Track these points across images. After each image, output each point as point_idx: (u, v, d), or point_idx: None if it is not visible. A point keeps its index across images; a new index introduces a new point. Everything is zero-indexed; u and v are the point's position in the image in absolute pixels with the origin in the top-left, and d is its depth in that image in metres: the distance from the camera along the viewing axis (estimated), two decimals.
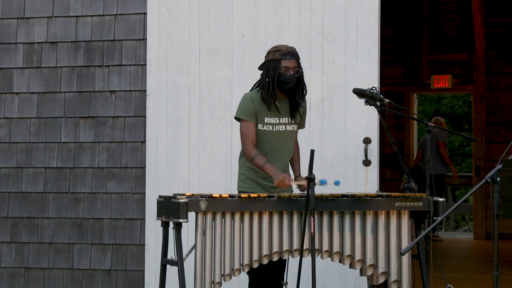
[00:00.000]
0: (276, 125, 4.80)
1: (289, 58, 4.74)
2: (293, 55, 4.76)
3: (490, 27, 11.09)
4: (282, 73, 4.72)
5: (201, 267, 4.30)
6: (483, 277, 7.32)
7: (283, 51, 4.75)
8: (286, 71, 4.72)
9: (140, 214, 6.03)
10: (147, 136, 6.02)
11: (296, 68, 4.75)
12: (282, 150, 4.84)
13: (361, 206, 4.47)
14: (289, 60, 4.73)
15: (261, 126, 4.78)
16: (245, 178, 4.84)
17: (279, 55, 4.74)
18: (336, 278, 5.65)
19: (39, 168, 6.21)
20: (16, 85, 6.28)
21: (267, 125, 4.78)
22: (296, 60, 4.77)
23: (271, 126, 4.79)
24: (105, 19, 6.17)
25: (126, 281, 6.03)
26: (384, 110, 4.76)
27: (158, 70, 6.02)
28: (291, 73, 4.73)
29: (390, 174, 11.16)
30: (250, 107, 4.76)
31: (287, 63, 4.73)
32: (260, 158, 4.70)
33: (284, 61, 4.73)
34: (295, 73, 4.74)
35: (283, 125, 4.82)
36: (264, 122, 4.78)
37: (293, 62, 4.75)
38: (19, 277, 6.19)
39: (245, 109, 4.78)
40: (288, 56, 4.74)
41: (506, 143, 10.86)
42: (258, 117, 4.77)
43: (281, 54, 4.74)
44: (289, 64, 4.73)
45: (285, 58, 4.73)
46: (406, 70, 11.47)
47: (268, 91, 4.72)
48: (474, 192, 4.04)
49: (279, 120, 4.81)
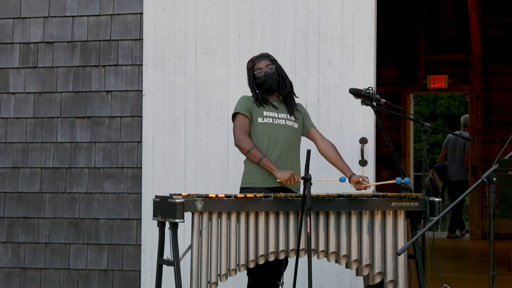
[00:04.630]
0: (276, 118, 4.83)
1: (259, 60, 4.90)
2: (264, 56, 4.94)
3: (486, 27, 11.09)
4: (257, 75, 4.87)
5: (197, 267, 4.30)
6: (479, 277, 7.33)
7: (253, 58, 4.94)
8: (260, 73, 4.87)
9: (136, 214, 6.03)
10: (144, 136, 6.02)
11: (269, 65, 4.88)
12: (283, 142, 4.82)
13: (357, 206, 4.48)
14: (259, 62, 4.90)
15: (260, 119, 4.80)
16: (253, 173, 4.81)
17: (251, 64, 4.92)
18: (333, 278, 5.65)
19: (35, 168, 6.20)
20: (12, 85, 6.27)
21: (266, 117, 4.81)
22: (267, 59, 4.91)
23: (271, 119, 4.82)
24: (101, 19, 6.17)
25: (122, 281, 6.02)
26: (381, 110, 4.77)
27: (154, 70, 6.02)
28: (264, 71, 4.86)
29: (386, 174, 11.15)
30: (247, 104, 4.84)
31: (259, 65, 4.89)
32: (257, 151, 4.70)
33: (256, 65, 4.89)
34: (268, 70, 4.87)
35: (282, 120, 4.84)
36: (263, 115, 4.81)
37: (264, 62, 4.90)
38: (15, 277, 6.18)
39: (241, 105, 4.85)
40: (258, 59, 4.91)
41: (502, 143, 10.87)
42: (256, 112, 4.81)
43: (252, 62, 4.92)
44: (261, 65, 4.89)
45: (256, 62, 4.90)
46: (402, 70, 11.47)
47: (256, 98, 4.86)
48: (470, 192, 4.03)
49: (278, 114, 4.84)
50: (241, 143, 4.76)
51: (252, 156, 4.71)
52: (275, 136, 4.79)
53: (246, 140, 4.74)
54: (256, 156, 4.70)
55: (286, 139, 4.83)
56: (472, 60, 11.03)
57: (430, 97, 18.92)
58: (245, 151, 4.75)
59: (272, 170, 4.67)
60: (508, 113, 11.02)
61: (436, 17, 11.44)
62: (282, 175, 4.65)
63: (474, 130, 11.04)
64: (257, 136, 4.79)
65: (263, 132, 4.79)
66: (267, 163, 4.68)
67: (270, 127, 4.80)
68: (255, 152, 4.70)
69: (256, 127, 4.79)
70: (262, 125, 4.79)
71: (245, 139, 4.75)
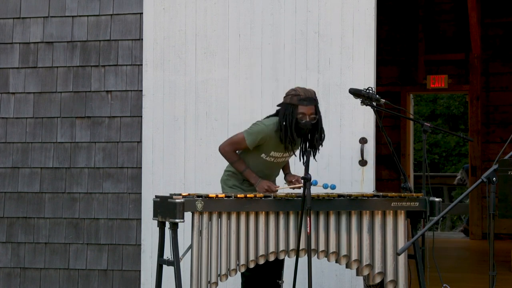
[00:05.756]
0: (277, 158, 4.85)
1: (306, 104, 4.68)
2: (311, 100, 4.71)
3: (486, 27, 11.09)
4: (299, 119, 4.68)
5: (197, 267, 4.30)
6: (479, 277, 7.32)
7: (301, 96, 4.69)
8: (303, 118, 4.69)
9: (136, 214, 6.02)
10: (143, 136, 6.02)
11: (313, 115, 4.72)
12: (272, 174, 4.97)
13: (358, 206, 4.48)
14: (306, 106, 4.68)
15: (264, 156, 4.81)
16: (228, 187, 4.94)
17: (296, 100, 4.69)
18: (333, 278, 5.65)
19: (35, 168, 6.20)
20: (12, 85, 6.27)
21: (270, 157, 4.82)
22: (313, 106, 4.72)
23: (273, 159, 4.84)
24: (101, 19, 6.17)
25: (122, 281, 6.02)
26: (380, 110, 4.76)
27: (154, 70, 6.02)
28: (307, 119, 4.70)
29: (386, 174, 11.15)
30: (260, 141, 4.75)
31: (304, 109, 4.68)
32: (241, 163, 4.79)
33: (301, 106, 4.68)
34: (311, 120, 4.71)
35: (283, 158, 4.88)
36: (269, 155, 4.81)
37: (310, 108, 4.70)
38: (15, 277, 6.18)
39: (255, 139, 4.74)
40: (305, 102, 4.68)
41: (502, 143, 10.87)
42: (265, 148, 4.78)
43: (298, 100, 4.68)
44: (305, 111, 4.68)
45: (302, 104, 4.68)
46: (402, 70, 11.46)
47: (286, 137, 4.69)
48: (470, 192, 4.03)
49: (283, 154, 4.84)
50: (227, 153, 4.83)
51: (235, 167, 4.82)
52: (268, 172, 4.89)
53: (232, 154, 4.83)
54: (239, 168, 4.81)
55: (277, 172, 5.00)
56: (472, 60, 11.03)
57: (430, 97, 18.90)
58: (231, 160, 4.84)
59: (253, 183, 4.79)
60: (508, 113, 11.02)
61: (436, 17, 11.43)
62: (260, 189, 4.74)
63: (474, 130, 11.03)
64: (250, 164, 4.84)
65: (262, 166, 4.85)
66: (248, 175, 4.79)
67: (267, 164, 4.85)
68: (238, 164, 4.81)
69: (255, 160, 4.83)
70: (263, 161, 4.83)
71: (231, 153, 4.83)
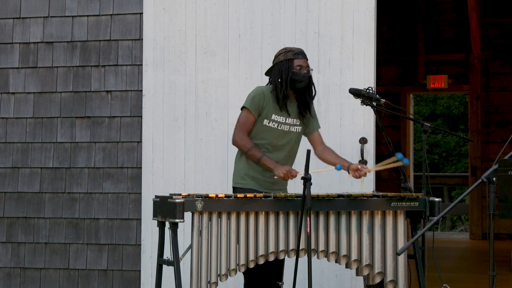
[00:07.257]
0: (281, 124, 4.78)
1: (301, 57, 4.77)
2: (304, 55, 4.81)
3: (486, 27, 11.10)
4: (296, 72, 4.73)
5: (197, 267, 4.29)
6: (479, 277, 7.33)
7: (295, 51, 4.78)
8: (300, 70, 4.74)
9: (136, 214, 6.02)
10: (143, 136, 6.02)
11: (308, 68, 4.79)
12: (280, 149, 4.82)
13: (357, 206, 4.47)
14: (301, 59, 4.76)
15: (266, 122, 4.76)
16: (243, 174, 4.81)
17: (291, 55, 4.76)
18: (332, 278, 5.65)
19: (35, 168, 6.20)
20: (12, 85, 6.27)
21: (273, 122, 4.76)
22: (306, 60, 4.80)
23: (277, 124, 4.76)
24: (101, 19, 6.17)
25: (122, 281, 6.02)
26: (380, 110, 4.76)
27: (154, 70, 6.02)
28: (304, 71, 4.75)
29: (386, 174, 11.16)
30: (259, 101, 4.74)
31: (300, 62, 4.76)
32: (256, 150, 4.70)
33: (297, 60, 4.75)
34: (307, 72, 4.77)
35: (287, 125, 4.80)
36: (271, 118, 4.75)
37: (305, 61, 4.78)
38: (15, 277, 6.18)
39: (253, 101, 4.74)
40: (300, 55, 4.77)
41: (502, 143, 10.88)
42: (265, 112, 4.74)
43: (293, 54, 4.76)
44: (302, 63, 4.76)
45: (298, 57, 4.76)
46: (402, 70, 11.47)
47: (281, 91, 4.71)
48: (470, 192, 4.03)
49: (286, 119, 4.79)
50: (240, 142, 4.75)
51: (252, 156, 4.72)
52: (275, 143, 4.79)
53: (246, 140, 4.74)
54: (255, 156, 4.70)
55: (285, 145, 4.83)
56: (472, 60, 11.04)
57: (430, 97, 18.90)
58: (244, 148, 4.74)
59: (272, 169, 4.68)
60: (508, 113, 11.03)
61: (436, 17, 11.44)
62: (279, 172, 4.66)
63: (474, 130, 11.04)
64: (257, 137, 4.78)
65: (266, 135, 4.78)
66: (266, 162, 4.69)
67: (273, 132, 4.77)
68: (254, 151, 4.70)
69: (259, 128, 4.78)
70: (265, 128, 4.76)
71: (244, 136, 4.74)
